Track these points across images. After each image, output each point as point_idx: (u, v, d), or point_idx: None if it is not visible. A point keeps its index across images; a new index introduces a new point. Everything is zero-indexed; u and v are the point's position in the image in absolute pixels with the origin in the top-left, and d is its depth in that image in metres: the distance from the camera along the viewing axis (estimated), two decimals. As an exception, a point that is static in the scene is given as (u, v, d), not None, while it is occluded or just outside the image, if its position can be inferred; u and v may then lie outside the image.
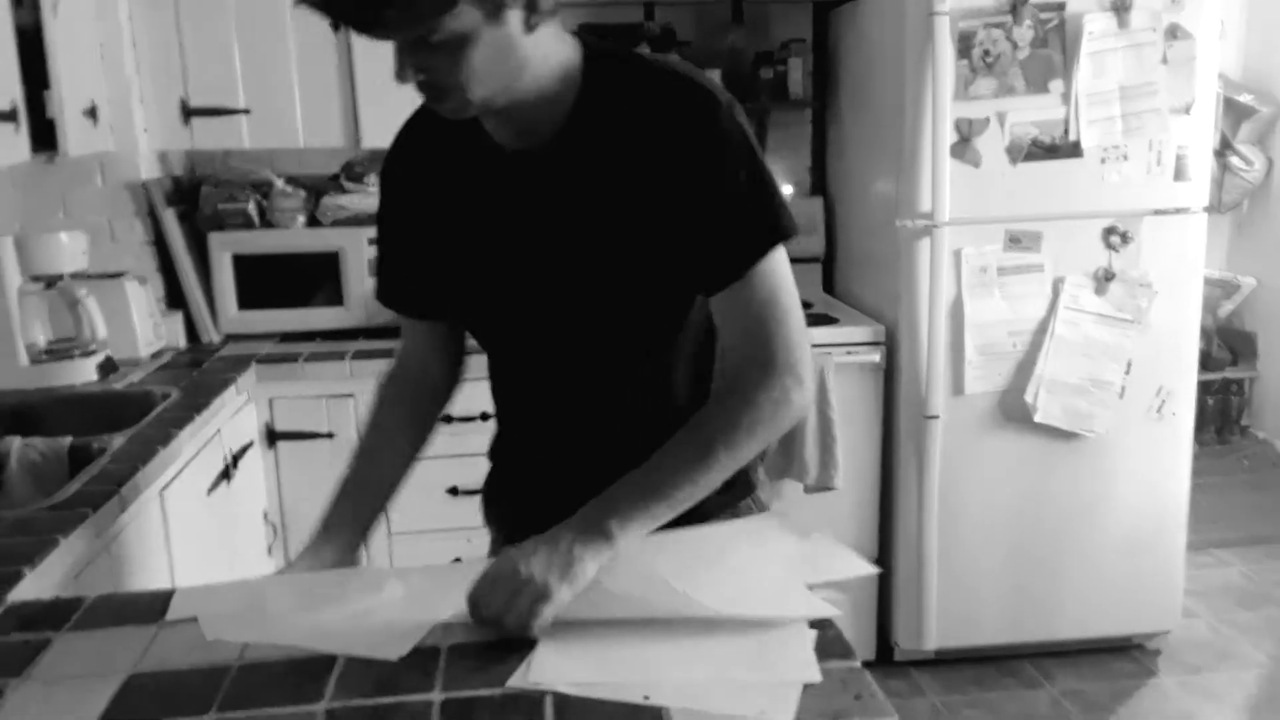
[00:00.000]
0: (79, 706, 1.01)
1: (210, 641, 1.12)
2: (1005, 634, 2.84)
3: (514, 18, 1.05)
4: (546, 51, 1.12)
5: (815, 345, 2.68)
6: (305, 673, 1.04)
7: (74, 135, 2.28)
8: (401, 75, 1.07)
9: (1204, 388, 4.30)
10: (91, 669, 1.09)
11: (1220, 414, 4.38)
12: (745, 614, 1.05)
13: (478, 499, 1.50)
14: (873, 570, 1.15)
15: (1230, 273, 4.48)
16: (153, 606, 1.22)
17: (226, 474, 2.30)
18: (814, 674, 0.99)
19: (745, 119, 1.16)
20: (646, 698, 0.95)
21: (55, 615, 1.22)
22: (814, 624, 1.08)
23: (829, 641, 1.06)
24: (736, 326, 1.18)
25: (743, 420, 1.15)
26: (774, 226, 1.16)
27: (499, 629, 1.05)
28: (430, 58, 1.04)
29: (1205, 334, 4.27)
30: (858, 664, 1.05)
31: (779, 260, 1.17)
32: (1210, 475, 3.95)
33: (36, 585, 1.37)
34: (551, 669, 1.01)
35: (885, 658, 2.89)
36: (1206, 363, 4.30)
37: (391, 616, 1.11)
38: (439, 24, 1.00)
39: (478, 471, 1.49)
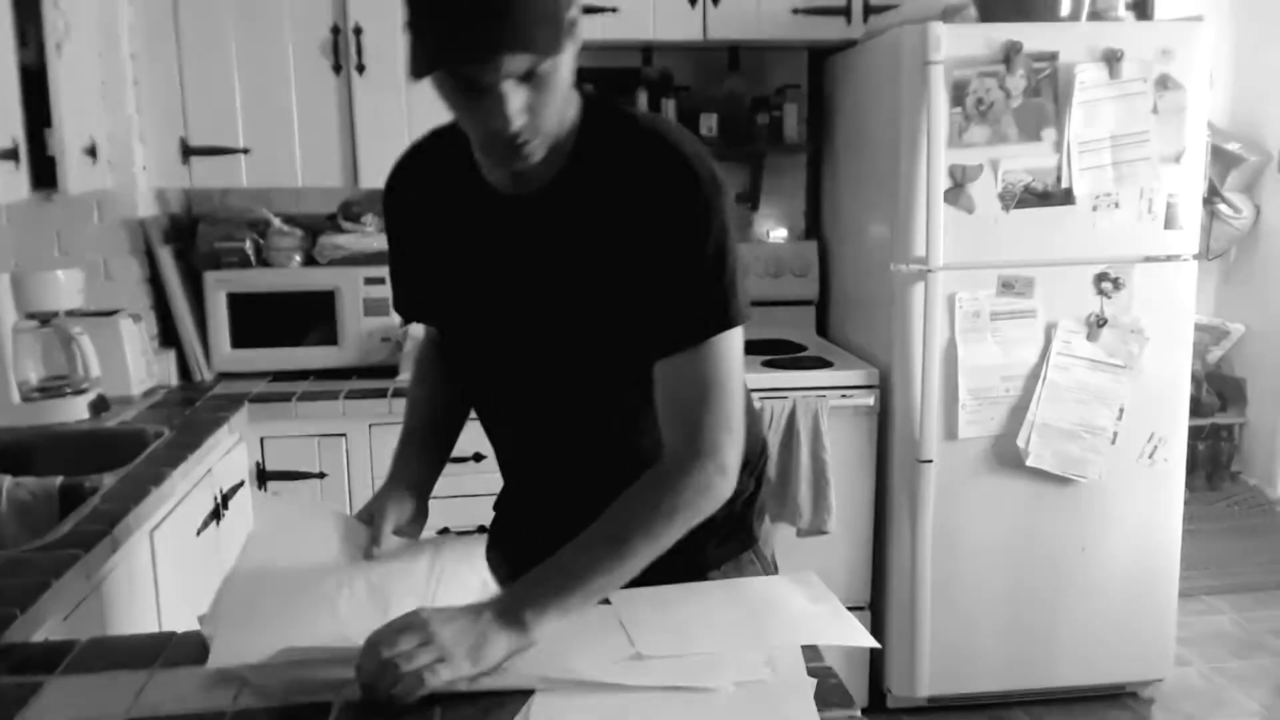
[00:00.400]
0: (70, 754, 0.99)
1: (202, 688, 1.11)
2: (999, 681, 2.82)
3: (571, 51, 1.13)
4: (567, 96, 1.17)
5: (811, 389, 2.71)
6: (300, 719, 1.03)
7: (74, 173, 2.29)
8: (513, 118, 1.09)
9: (1194, 433, 4.29)
10: (84, 714, 1.08)
11: (1210, 459, 4.39)
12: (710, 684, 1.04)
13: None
14: (872, 643, 1.14)
15: (1219, 319, 4.51)
16: (147, 650, 1.21)
17: (217, 514, 2.28)
18: None
19: (726, 193, 1.18)
20: None
21: (48, 659, 1.21)
22: (813, 673, 1.08)
23: (829, 690, 1.06)
24: (673, 397, 1.18)
25: (662, 507, 1.14)
26: (726, 310, 1.17)
27: (381, 682, 1.01)
28: (534, 99, 1.10)
29: (1195, 380, 4.29)
30: (857, 713, 1.05)
31: (729, 343, 1.18)
32: (1201, 521, 3.95)
33: (26, 628, 1.35)
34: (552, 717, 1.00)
35: (878, 705, 2.87)
36: (1196, 408, 4.31)
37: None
38: (559, 48, 1.08)
39: (472, 513, 1.51)
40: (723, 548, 1.30)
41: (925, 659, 2.77)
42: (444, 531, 1.58)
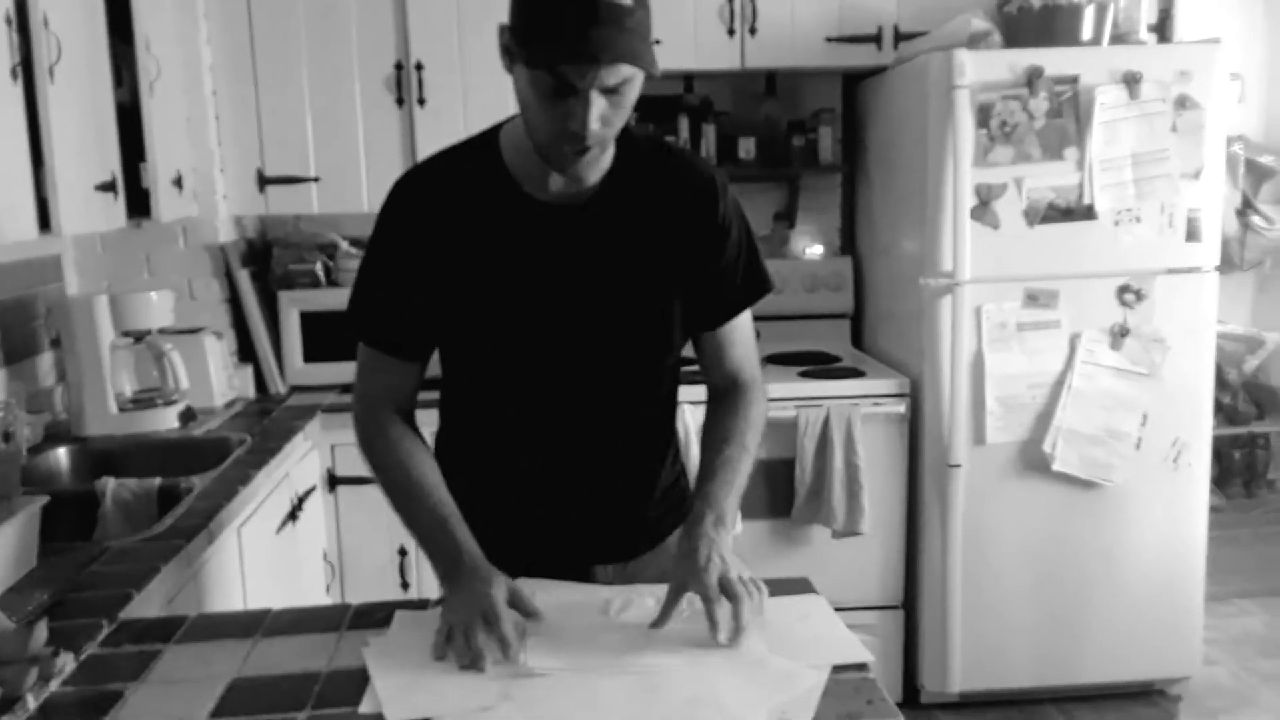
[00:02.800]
0: (192, 704, 1.18)
1: (298, 653, 1.29)
2: (1029, 677, 2.94)
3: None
4: None
5: (843, 397, 2.86)
6: (386, 677, 1.21)
7: (164, 203, 2.51)
8: (591, 121, 1.23)
9: (1230, 442, 4.36)
10: (200, 674, 1.26)
11: (1247, 468, 4.43)
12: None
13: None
14: (868, 657, 1.24)
15: (1255, 329, 4.56)
16: (247, 623, 1.40)
17: (293, 515, 2.48)
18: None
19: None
20: None
21: (163, 630, 1.40)
22: (855, 685, 1.19)
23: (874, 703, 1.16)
24: (733, 351, 1.52)
25: (754, 418, 1.49)
26: (763, 281, 1.51)
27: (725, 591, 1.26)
28: (613, 108, 1.25)
29: (1230, 389, 4.35)
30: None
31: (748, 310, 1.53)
32: (1236, 528, 4.01)
33: (140, 607, 1.55)
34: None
35: (911, 700, 2.99)
36: (1233, 417, 4.37)
37: None
38: (651, 63, 1.23)
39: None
40: (671, 515, 1.53)
41: (957, 656, 2.89)
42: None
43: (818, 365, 3.10)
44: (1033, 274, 2.79)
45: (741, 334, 1.52)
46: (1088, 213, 2.77)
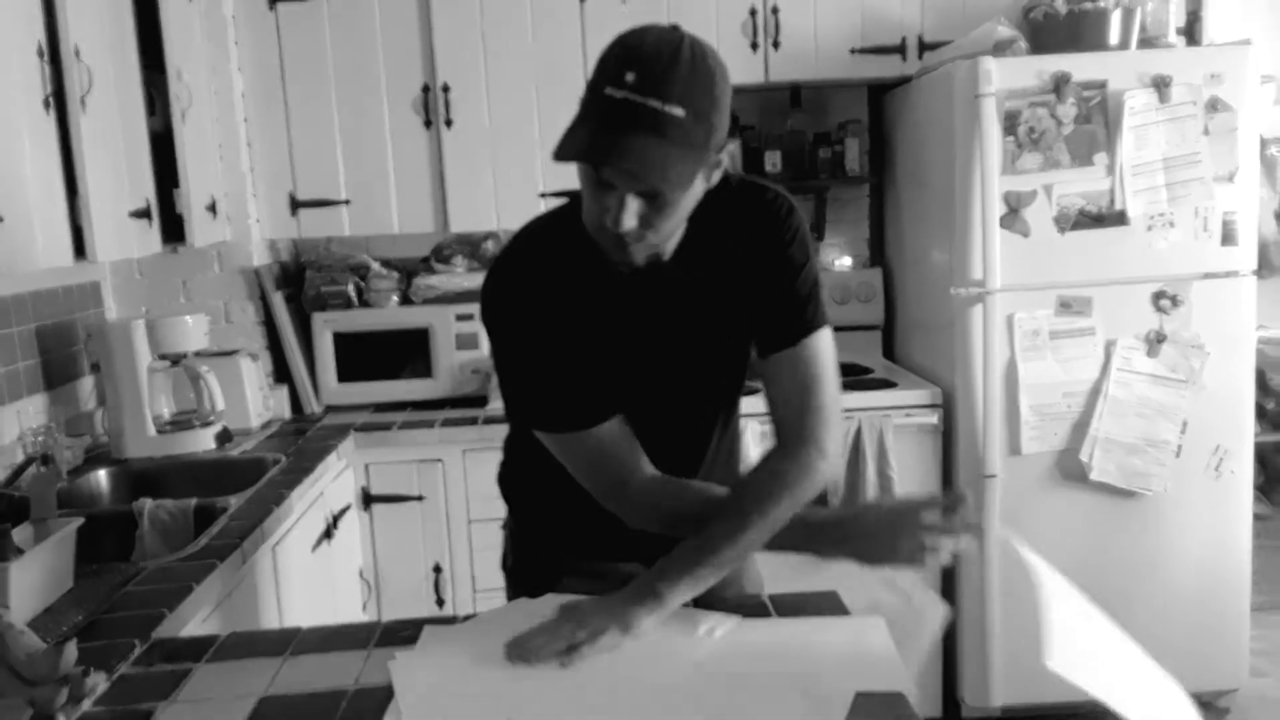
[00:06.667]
0: (221, 722, 1.19)
1: (327, 671, 1.31)
2: (1071, 692, 2.85)
3: (710, 176, 1.26)
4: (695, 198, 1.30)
5: (875, 408, 2.84)
6: (410, 694, 1.22)
7: (198, 228, 2.56)
8: (624, 222, 1.21)
9: (1275, 448, 4.28)
10: (229, 693, 1.28)
11: (1295, 474, 4.34)
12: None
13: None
14: (909, 688, 1.22)
15: (1300, 332, 4.47)
16: (278, 642, 1.41)
17: (328, 533, 2.51)
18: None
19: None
20: None
21: (195, 649, 1.42)
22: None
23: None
24: (782, 390, 1.38)
25: (774, 489, 1.33)
26: (823, 312, 1.40)
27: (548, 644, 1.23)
28: (654, 209, 1.22)
29: (1274, 394, 4.27)
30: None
31: (824, 342, 1.39)
32: (1284, 535, 3.93)
33: (174, 626, 1.57)
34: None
35: (952, 715, 2.96)
36: (1277, 423, 4.29)
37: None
38: (693, 180, 1.20)
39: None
40: None
41: (997, 669, 2.85)
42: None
43: (849, 377, 3.08)
44: (1065, 281, 2.76)
45: (796, 369, 1.36)
46: (1120, 218, 2.74)
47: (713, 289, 1.39)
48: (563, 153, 1.18)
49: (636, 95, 1.14)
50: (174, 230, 2.49)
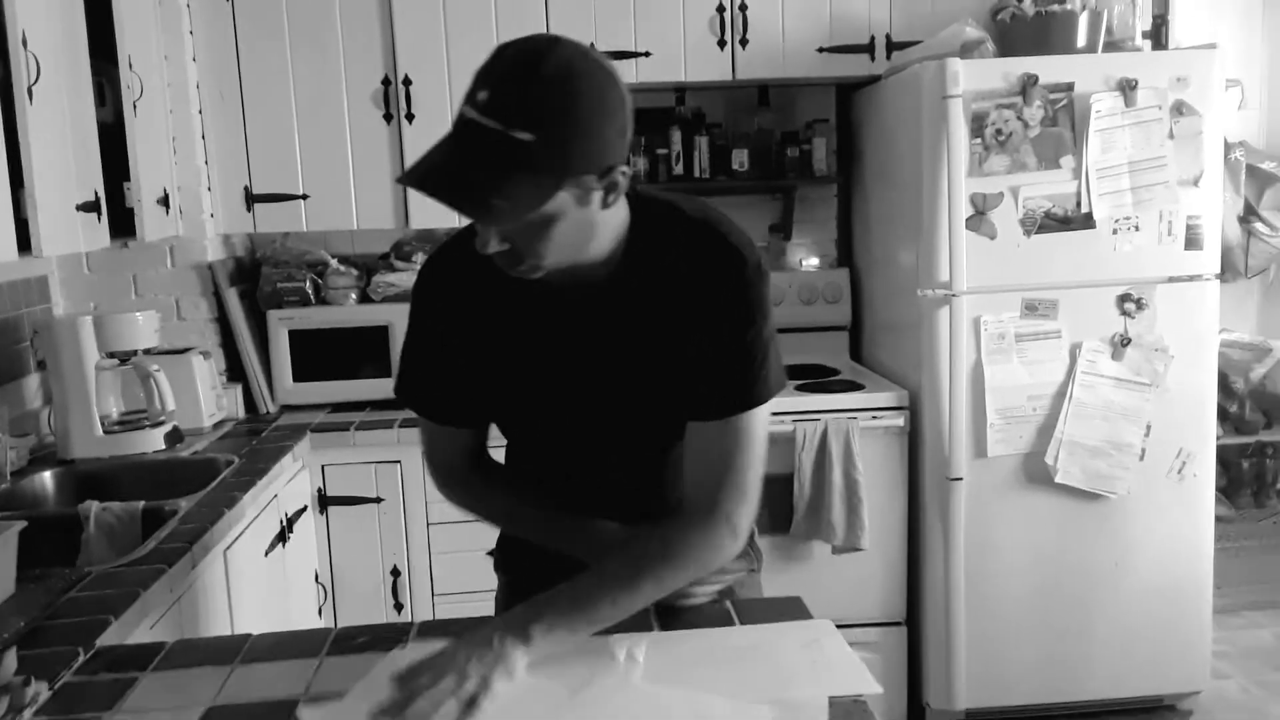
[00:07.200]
0: (165, 735, 1.14)
1: (278, 680, 1.25)
2: (1036, 694, 2.88)
3: (597, 199, 1.16)
4: (612, 220, 1.23)
5: (841, 410, 2.82)
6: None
7: (149, 222, 2.48)
8: (484, 246, 1.15)
9: (1238, 451, 4.31)
10: (175, 703, 1.22)
11: (1255, 477, 4.37)
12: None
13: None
14: (877, 689, 1.18)
15: (1261, 336, 4.51)
16: (226, 650, 1.36)
17: (283, 537, 2.44)
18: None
19: (768, 278, 1.30)
20: None
21: (140, 657, 1.36)
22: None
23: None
24: (698, 460, 1.30)
25: (673, 557, 1.26)
26: (762, 387, 1.28)
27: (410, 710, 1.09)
28: (515, 232, 1.14)
29: (1237, 398, 4.30)
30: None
31: (756, 417, 1.28)
32: (1244, 539, 3.95)
33: (120, 633, 1.51)
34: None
35: (917, 718, 2.94)
36: (1240, 426, 4.31)
37: None
38: (538, 210, 1.11)
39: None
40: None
41: (962, 672, 2.84)
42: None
43: (815, 379, 3.06)
44: (1031, 284, 2.75)
45: (716, 444, 1.27)
46: (1085, 221, 2.74)
47: (650, 324, 1.30)
48: (405, 174, 1.11)
49: (482, 116, 1.08)
50: (124, 224, 2.42)
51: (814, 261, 3.45)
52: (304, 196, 2.92)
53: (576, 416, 1.37)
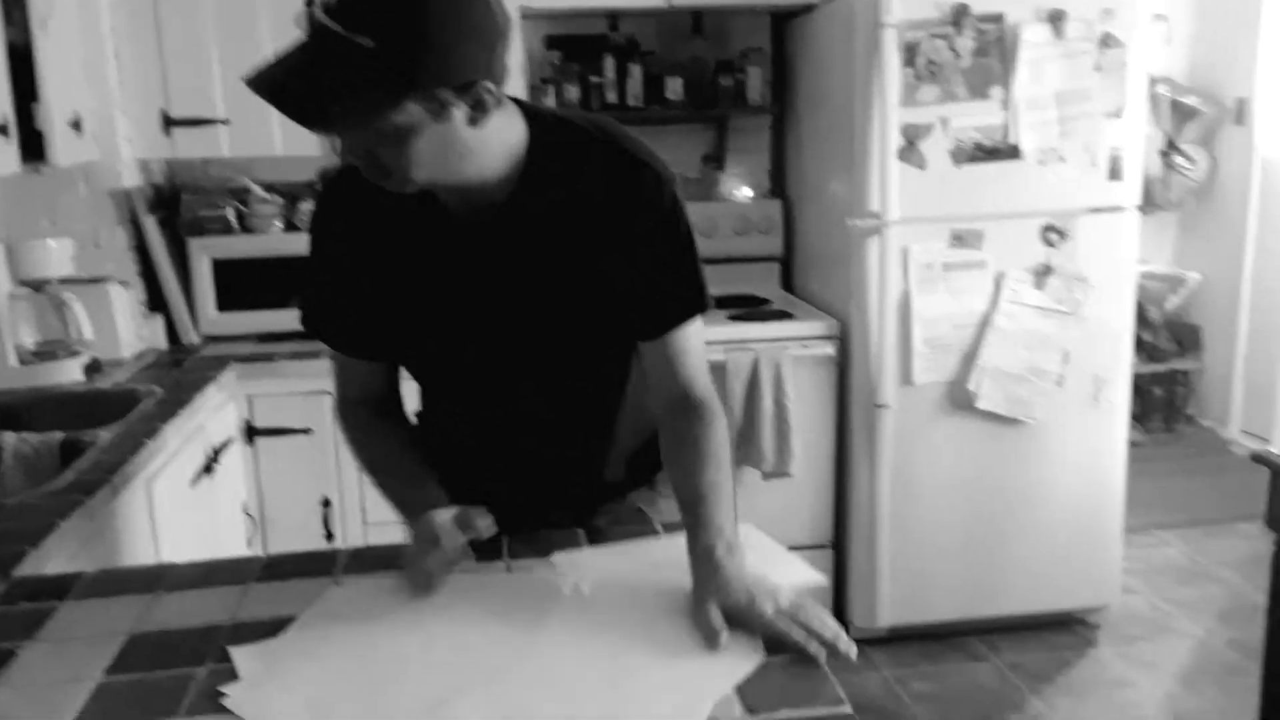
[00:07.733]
0: (88, 661, 1.13)
1: (202, 606, 1.24)
2: (954, 610, 2.99)
3: (459, 114, 1.12)
4: (492, 139, 1.18)
5: (772, 339, 2.85)
6: (290, 628, 1.17)
7: (61, 146, 2.38)
8: (344, 156, 1.14)
9: (1151, 379, 4.47)
10: (96, 630, 1.20)
11: (1167, 404, 4.55)
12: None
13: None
14: (819, 579, 1.23)
15: (1176, 268, 4.65)
16: (148, 578, 1.34)
17: (209, 468, 2.41)
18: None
19: (682, 194, 1.29)
20: None
21: (59, 587, 1.33)
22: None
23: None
24: (682, 368, 1.32)
25: (723, 441, 1.29)
26: (703, 292, 1.32)
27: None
28: (373, 144, 1.11)
29: (1152, 327, 4.45)
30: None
31: (698, 324, 1.34)
32: (1155, 462, 4.12)
33: (37, 563, 1.48)
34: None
35: (842, 637, 3.03)
36: (1154, 355, 4.47)
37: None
38: (382, 120, 1.08)
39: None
40: (633, 474, 1.48)
41: (885, 592, 2.93)
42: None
43: (747, 308, 3.09)
44: (959, 214, 2.79)
45: (690, 348, 1.32)
46: (1013, 152, 2.77)
47: (557, 247, 1.28)
48: (250, 78, 1.08)
49: (326, 18, 1.05)
50: (34, 148, 2.32)
51: (747, 192, 3.45)
52: (224, 121, 2.82)
53: (483, 343, 1.35)
